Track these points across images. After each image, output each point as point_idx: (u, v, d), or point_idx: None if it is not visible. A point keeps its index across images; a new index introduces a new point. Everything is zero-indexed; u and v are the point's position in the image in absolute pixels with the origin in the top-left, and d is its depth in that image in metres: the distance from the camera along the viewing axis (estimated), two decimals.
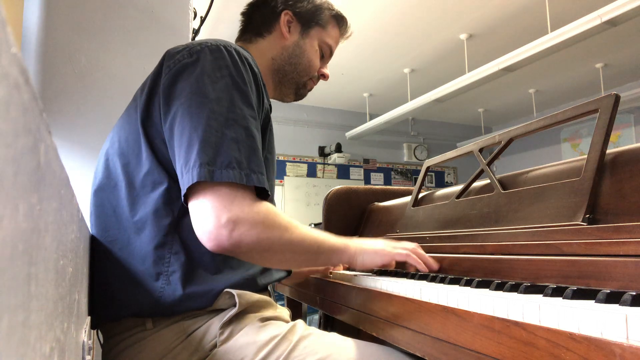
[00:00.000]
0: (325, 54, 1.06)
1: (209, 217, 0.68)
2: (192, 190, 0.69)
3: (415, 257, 0.88)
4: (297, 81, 1.03)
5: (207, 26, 3.26)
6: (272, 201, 0.88)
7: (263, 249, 0.72)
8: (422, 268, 0.87)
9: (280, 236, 0.73)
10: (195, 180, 0.67)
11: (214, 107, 0.72)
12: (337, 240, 0.84)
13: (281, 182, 5.35)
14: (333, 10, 1.05)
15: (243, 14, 1.05)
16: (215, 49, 0.77)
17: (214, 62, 0.76)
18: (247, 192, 0.71)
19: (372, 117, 5.32)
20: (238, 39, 1.03)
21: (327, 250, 0.81)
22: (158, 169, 0.75)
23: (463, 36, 3.80)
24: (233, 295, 0.76)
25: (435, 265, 0.88)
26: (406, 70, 4.52)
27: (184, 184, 0.69)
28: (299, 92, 1.06)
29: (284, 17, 0.99)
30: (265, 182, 0.73)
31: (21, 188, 0.20)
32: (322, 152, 5.59)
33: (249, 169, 0.71)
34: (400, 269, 0.93)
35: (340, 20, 1.06)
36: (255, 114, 0.77)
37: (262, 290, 0.87)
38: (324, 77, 1.07)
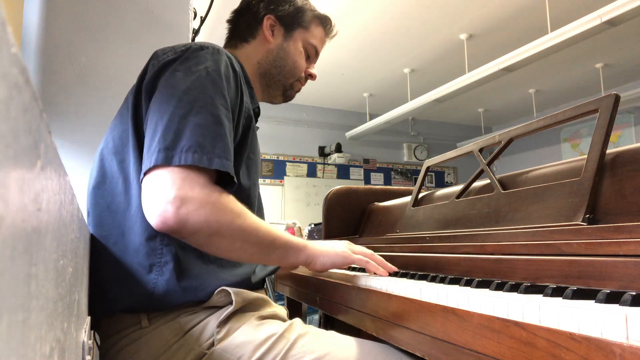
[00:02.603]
0: (311, 55, 1.07)
1: (157, 194, 0.67)
2: (148, 173, 0.69)
3: (374, 263, 0.89)
4: (283, 83, 1.05)
5: (207, 26, 3.26)
6: (253, 201, 0.89)
7: (211, 232, 0.69)
8: (382, 273, 0.87)
9: (230, 221, 0.70)
10: (152, 164, 0.68)
11: (182, 97, 0.72)
12: (296, 238, 0.83)
13: (281, 182, 5.35)
14: (315, 11, 1.06)
15: (228, 21, 1.07)
16: (198, 48, 0.80)
17: (193, 59, 0.78)
18: (202, 173, 0.69)
19: (372, 117, 5.32)
20: (225, 46, 1.05)
21: (282, 245, 0.79)
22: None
23: (463, 36, 3.80)
24: (229, 293, 0.76)
25: (394, 268, 0.90)
26: (406, 70, 4.52)
27: (143, 169, 0.70)
28: (287, 93, 1.08)
29: (267, 22, 1.01)
30: (231, 167, 0.72)
31: (21, 188, 0.20)
32: (322, 152, 5.59)
33: (213, 153, 0.70)
34: (400, 270, 0.93)
35: (323, 20, 1.08)
36: (228, 105, 0.77)
37: (259, 286, 0.87)
38: (312, 77, 1.09)
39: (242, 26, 1.04)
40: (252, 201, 0.88)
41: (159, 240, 0.74)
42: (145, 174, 0.69)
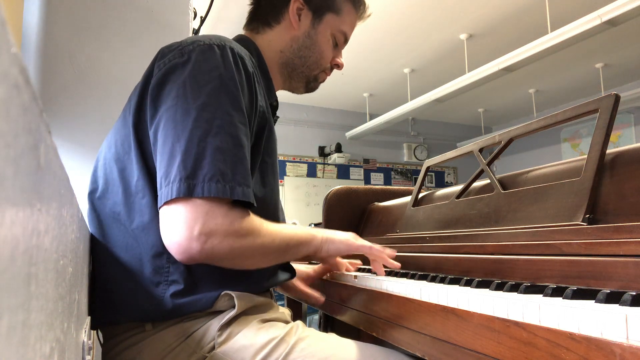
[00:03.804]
0: (340, 42, 0.99)
1: (181, 229, 0.65)
2: (168, 203, 0.67)
3: (377, 252, 0.90)
4: (307, 75, 0.97)
5: (207, 26, 3.26)
6: (268, 207, 0.85)
7: (235, 256, 0.71)
8: (386, 261, 0.89)
9: (252, 242, 0.71)
10: (173, 196, 0.65)
11: (200, 114, 0.68)
12: (305, 232, 0.84)
13: (281, 182, 5.35)
14: None
15: None
16: (207, 48, 0.73)
17: (204, 63, 0.72)
18: (223, 202, 0.68)
19: (372, 117, 5.32)
20: (245, 27, 0.98)
21: (295, 245, 0.81)
22: (148, 175, 0.73)
23: (463, 36, 3.80)
24: (232, 297, 0.75)
25: (396, 264, 0.91)
26: (406, 70, 4.52)
27: (162, 196, 0.67)
28: (310, 85, 1.00)
29: (294, 5, 0.92)
30: (251, 195, 0.71)
31: (21, 188, 0.20)
32: (322, 152, 5.59)
33: (234, 181, 0.68)
34: (400, 269, 0.93)
35: (356, 3, 0.97)
36: (246, 120, 0.73)
37: (264, 291, 0.86)
38: (338, 66, 1.01)
39: (265, 7, 0.94)
40: (268, 208, 0.84)
41: (165, 258, 0.72)
42: (165, 203, 0.67)
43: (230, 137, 0.69)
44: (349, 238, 0.90)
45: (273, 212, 0.87)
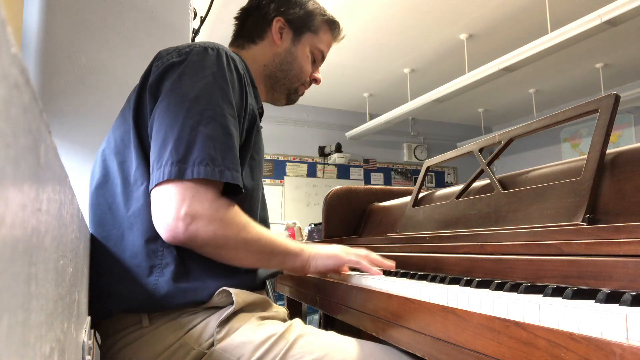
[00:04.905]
0: (317, 59, 1.07)
1: (169, 209, 0.69)
2: (159, 185, 0.71)
3: (366, 263, 0.91)
4: (288, 87, 1.04)
5: (207, 26, 3.26)
6: (257, 201, 0.89)
7: (217, 245, 0.73)
8: (374, 272, 0.89)
9: (236, 234, 0.74)
10: (165, 178, 0.69)
11: (192, 106, 0.73)
12: (294, 244, 0.86)
13: (281, 182, 5.35)
14: (325, 15, 1.05)
15: (236, 18, 1.06)
16: (201, 50, 0.80)
17: (198, 63, 0.78)
18: (211, 187, 0.72)
19: (372, 117, 5.32)
20: (231, 45, 1.04)
21: (281, 252, 0.83)
22: (146, 165, 0.77)
23: (463, 36, 3.80)
24: (230, 294, 0.76)
25: (391, 265, 0.91)
26: (406, 70, 4.52)
27: (154, 179, 0.71)
28: (291, 97, 1.08)
29: (276, 24, 1.00)
30: (240, 179, 0.75)
31: (21, 188, 0.20)
32: (322, 152, 5.59)
33: (224, 166, 0.72)
34: (400, 270, 0.94)
35: (332, 25, 1.07)
36: (235, 113, 0.78)
37: (260, 287, 0.87)
38: (316, 81, 1.08)
39: (250, 26, 1.02)
40: (256, 202, 0.88)
41: (160, 242, 0.74)
42: (156, 185, 0.71)
43: (220, 126, 0.74)
44: (337, 253, 0.91)
45: (259, 206, 0.91)
